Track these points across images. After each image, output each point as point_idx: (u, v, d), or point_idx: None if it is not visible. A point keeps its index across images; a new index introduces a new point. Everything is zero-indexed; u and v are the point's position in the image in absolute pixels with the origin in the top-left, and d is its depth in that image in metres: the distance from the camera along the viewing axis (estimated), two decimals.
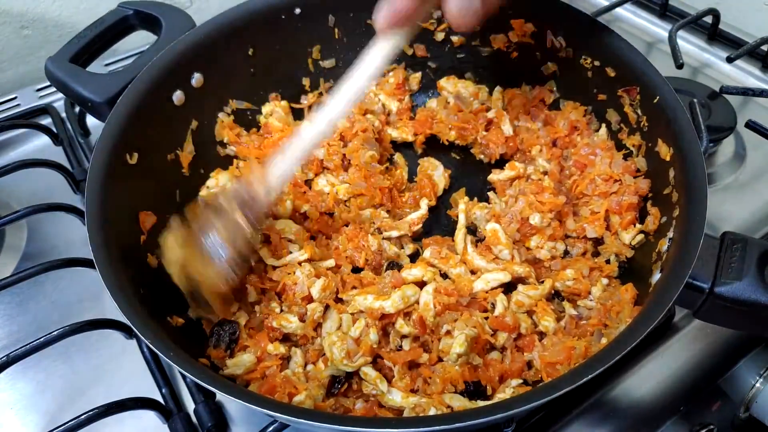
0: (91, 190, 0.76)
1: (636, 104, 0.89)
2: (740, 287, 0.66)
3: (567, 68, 0.99)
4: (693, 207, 0.72)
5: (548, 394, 0.59)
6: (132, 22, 1.00)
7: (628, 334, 0.63)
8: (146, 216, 0.84)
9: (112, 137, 0.82)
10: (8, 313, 0.93)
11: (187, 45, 0.93)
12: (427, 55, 1.12)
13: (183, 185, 0.94)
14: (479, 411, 0.59)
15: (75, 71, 0.92)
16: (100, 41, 0.97)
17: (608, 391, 0.81)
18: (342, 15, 1.06)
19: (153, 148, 0.88)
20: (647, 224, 0.84)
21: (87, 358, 0.88)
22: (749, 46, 1.20)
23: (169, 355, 0.64)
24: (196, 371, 0.63)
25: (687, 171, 0.76)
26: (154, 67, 0.89)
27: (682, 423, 0.83)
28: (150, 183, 0.87)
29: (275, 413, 0.61)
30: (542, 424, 0.78)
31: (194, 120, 0.97)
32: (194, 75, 0.95)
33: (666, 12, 1.37)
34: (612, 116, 0.94)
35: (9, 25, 1.35)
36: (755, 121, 1.06)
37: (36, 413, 0.83)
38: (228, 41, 0.98)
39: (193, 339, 0.80)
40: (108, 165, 0.79)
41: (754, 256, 0.68)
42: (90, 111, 0.92)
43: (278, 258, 0.86)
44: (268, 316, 0.81)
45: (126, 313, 0.66)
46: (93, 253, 0.70)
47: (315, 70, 1.10)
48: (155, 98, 0.89)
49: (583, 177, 0.92)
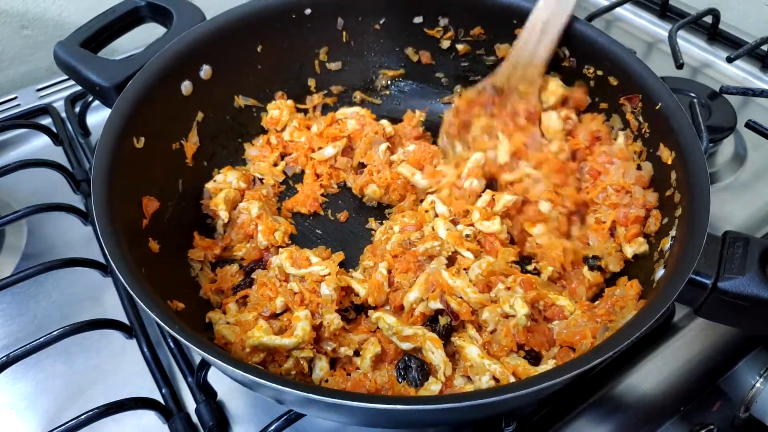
0: (98, 167, 0.76)
1: (638, 112, 0.89)
2: (743, 282, 0.68)
3: (571, 78, 1.00)
4: (696, 205, 0.72)
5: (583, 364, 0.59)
6: (143, 13, 1.00)
7: (632, 325, 0.63)
8: (149, 201, 0.84)
9: (121, 119, 0.82)
10: (8, 313, 0.93)
11: (197, 36, 0.94)
12: (432, 62, 1.12)
13: (186, 175, 0.95)
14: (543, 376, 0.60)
15: (84, 55, 0.91)
16: (110, 30, 0.97)
17: (608, 390, 0.81)
18: (351, 18, 1.08)
19: (159, 135, 0.89)
20: (648, 225, 0.84)
21: (87, 358, 0.88)
22: (749, 46, 1.20)
23: (174, 329, 0.63)
24: (205, 347, 0.63)
25: (689, 172, 0.76)
26: (165, 56, 0.90)
27: (682, 423, 0.83)
28: (154, 169, 0.88)
29: (287, 389, 0.59)
30: (543, 423, 0.78)
31: (200, 112, 0.97)
32: (203, 67, 0.96)
33: (666, 12, 1.37)
34: (615, 123, 0.94)
35: (9, 25, 1.35)
36: (755, 121, 1.06)
37: (36, 413, 0.83)
38: (238, 36, 0.99)
39: (193, 324, 0.80)
40: (116, 144, 0.80)
41: (756, 253, 0.69)
42: (97, 95, 0.92)
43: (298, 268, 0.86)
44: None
45: (130, 286, 0.66)
46: (98, 228, 0.70)
47: (321, 72, 1.11)
48: (164, 86, 0.89)
49: (595, 185, 0.92)
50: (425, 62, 1.12)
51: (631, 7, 1.40)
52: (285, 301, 0.82)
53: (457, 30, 1.08)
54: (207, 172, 1.00)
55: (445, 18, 1.08)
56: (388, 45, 1.12)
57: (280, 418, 0.75)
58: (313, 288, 0.82)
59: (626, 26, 1.39)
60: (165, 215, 0.88)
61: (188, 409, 0.81)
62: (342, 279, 0.83)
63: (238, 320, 0.81)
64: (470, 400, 0.58)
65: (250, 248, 0.91)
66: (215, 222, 0.96)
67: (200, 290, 0.88)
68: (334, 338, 0.80)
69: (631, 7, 1.40)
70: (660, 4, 1.37)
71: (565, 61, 0.99)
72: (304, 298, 0.81)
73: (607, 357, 0.61)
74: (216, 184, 0.97)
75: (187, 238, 0.92)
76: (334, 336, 0.79)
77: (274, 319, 0.82)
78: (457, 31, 1.09)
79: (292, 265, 0.85)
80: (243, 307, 0.85)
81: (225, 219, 0.93)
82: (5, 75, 1.40)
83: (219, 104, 1.02)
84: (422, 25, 1.09)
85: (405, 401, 0.59)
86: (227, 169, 1.00)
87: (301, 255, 0.86)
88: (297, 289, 0.82)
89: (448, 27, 1.09)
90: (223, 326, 0.81)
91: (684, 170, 0.77)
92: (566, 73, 1.00)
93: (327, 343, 0.79)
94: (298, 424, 0.75)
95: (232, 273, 0.90)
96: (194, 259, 0.91)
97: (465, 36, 1.08)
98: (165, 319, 0.65)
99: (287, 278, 0.85)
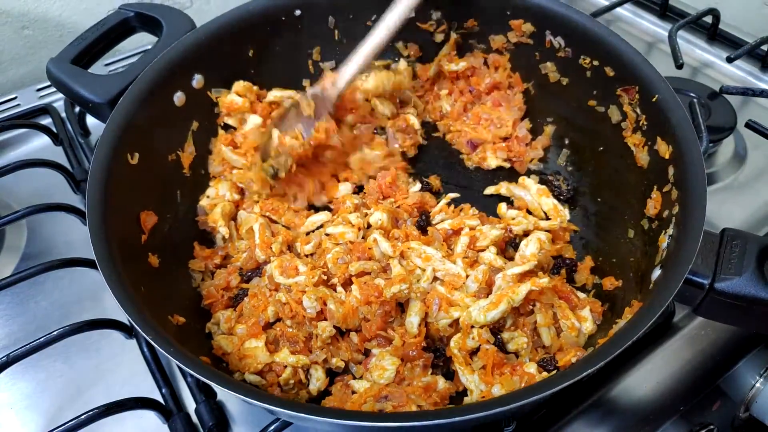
0: (92, 190, 0.76)
1: (635, 103, 0.89)
2: (740, 283, 0.66)
3: (566, 68, 0.99)
4: (692, 202, 0.72)
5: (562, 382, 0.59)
6: (133, 24, 1.00)
7: (629, 328, 0.63)
8: (147, 216, 0.84)
9: (113, 137, 0.82)
10: (8, 313, 0.93)
11: (187, 46, 0.93)
12: (420, 54, 1.13)
13: (184, 186, 0.94)
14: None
15: (76, 72, 0.92)
16: (102, 43, 0.98)
17: (608, 390, 0.81)
18: (341, 16, 1.07)
19: (154, 149, 0.89)
20: (648, 208, 0.83)
21: (87, 358, 0.88)
22: (749, 46, 1.20)
23: (169, 351, 0.64)
24: (196, 367, 0.63)
25: (686, 168, 0.75)
26: (155, 68, 0.90)
27: (682, 423, 0.83)
28: (151, 183, 0.87)
29: (275, 408, 0.60)
30: (543, 423, 0.78)
31: (195, 121, 0.97)
32: (195, 76, 0.96)
33: (666, 12, 1.37)
34: (613, 115, 0.94)
35: (9, 25, 1.35)
36: (755, 121, 1.06)
37: (36, 413, 0.83)
38: (228, 42, 0.98)
39: (194, 337, 0.81)
40: (109, 165, 0.80)
41: (754, 252, 0.68)
42: (91, 112, 0.92)
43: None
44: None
45: (126, 309, 0.66)
46: (94, 251, 0.70)
47: (315, 72, 1.10)
48: (156, 99, 0.89)
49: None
50: (413, 55, 1.13)
51: (631, 7, 1.40)
52: (276, 311, 0.82)
53: (450, 23, 1.08)
54: (205, 181, 0.99)
55: (438, 12, 1.08)
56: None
57: (279, 419, 0.75)
58: (299, 299, 0.81)
59: (626, 26, 1.39)
60: (164, 228, 0.87)
61: (188, 409, 0.81)
62: (323, 293, 0.81)
63: (230, 327, 0.82)
64: (460, 415, 0.58)
65: (247, 257, 0.90)
66: (214, 236, 0.95)
67: (201, 301, 0.88)
68: (326, 347, 0.79)
69: (631, 7, 1.40)
70: (660, 4, 1.37)
71: (560, 51, 0.99)
72: (291, 309, 0.81)
73: (604, 362, 0.60)
74: (210, 200, 0.96)
75: (187, 249, 0.91)
76: (327, 345, 0.79)
77: (269, 329, 0.82)
78: (450, 24, 1.09)
79: (281, 274, 0.84)
80: (240, 317, 0.84)
81: (226, 234, 0.93)
82: (5, 75, 1.40)
83: (214, 112, 1.01)
84: (415, 19, 1.06)
85: (402, 418, 0.59)
86: (217, 182, 0.98)
87: (290, 264, 0.85)
88: (284, 300, 0.81)
89: (441, 20, 1.08)
90: (221, 337, 0.81)
91: (681, 166, 0.77)
92: (562, 64, 1.00)
93: (318, 353, 0.78)
94: (297, 424, 0.76)
95: (229, 272, 0.89)
96: (195, 269, 0.90)
97: (459, 29, 1.08)
98: (160, 342, 0.65)
99: (277, 288, 0.84)
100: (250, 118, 1.01)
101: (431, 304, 0.80)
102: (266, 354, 0.77)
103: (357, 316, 0.80)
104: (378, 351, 0.79)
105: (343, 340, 0.81)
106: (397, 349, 0.78)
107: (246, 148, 0.99)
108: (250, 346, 0.78)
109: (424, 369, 0.78)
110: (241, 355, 0.78)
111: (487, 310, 0.77)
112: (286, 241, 0.92)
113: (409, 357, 0.78)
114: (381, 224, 0.90)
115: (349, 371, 0.81)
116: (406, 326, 0.80)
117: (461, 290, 0.82)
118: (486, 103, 1.08)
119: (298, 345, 0.79)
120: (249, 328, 0.80)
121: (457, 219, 0.91)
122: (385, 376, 0.76)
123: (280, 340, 0.80)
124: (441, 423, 0.57)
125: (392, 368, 0.76)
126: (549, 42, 0.99)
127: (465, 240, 0.87)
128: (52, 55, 0.94)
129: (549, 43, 0.99)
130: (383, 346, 0.80)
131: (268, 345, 0.79)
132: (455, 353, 0.77)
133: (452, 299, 0.80)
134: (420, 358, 0.78)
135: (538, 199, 0.96)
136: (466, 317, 0.78)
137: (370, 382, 0.76)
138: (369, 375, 0.77)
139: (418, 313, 0.80)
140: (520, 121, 1.06)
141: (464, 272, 0.83)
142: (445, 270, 0.83)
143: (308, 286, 0.81)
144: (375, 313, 0.79)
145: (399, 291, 0.79)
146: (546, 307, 0.80)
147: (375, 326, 0.79)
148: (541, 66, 1.03)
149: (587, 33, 0.94)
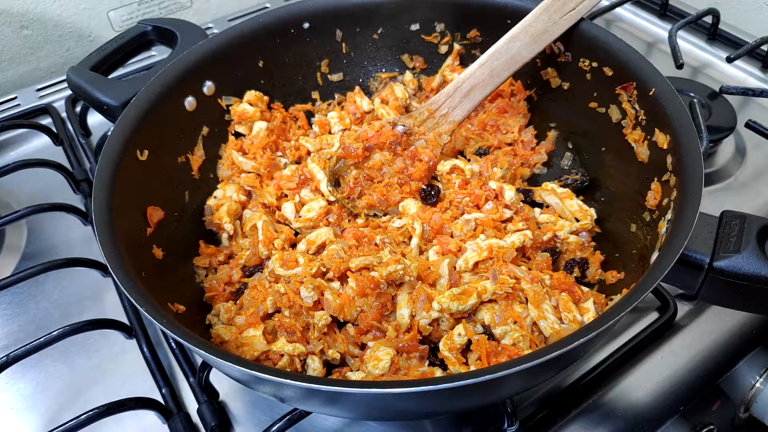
0: (100, 175, 0.77)
1: (633, 100, 0.89)
2: (740, 260, 0.65)
3: (567, 73, 1.00)
4: (689, 181, 0.71)
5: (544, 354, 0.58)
6: (150, 37, 1.04)
7: (623, 302, 0.62)
8: (154, 210, 0.85)
9: (124, 132, 0.84)
10: (8, 313, 0.93)
11: (199, 54, 0.97)
12: (425, 66, 1.14)
13: (192, 187, 0.96)
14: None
15: (92, 77, 0.95)
16: (120, 54, 1.01)
17: (608, 390, 0.81)
18: (349, 30, 1.09)
19: (163, 148, 0.90)
20: (648, 199, 0.84)
21: (87, 358, 0.88)
22: (749, 46, 1.20)
23: (162, 322, 0.64)
24: (200, 343, 0.63)
25: (682, 151, 0.75)
26: (168, 72, 0.92)
27: (682, 423, 0.83)
28: (159, 180, 0.89)
29: (288, 381, 0.59)
30: (543, 423, 0.78)
31: (205, 126, 0.99)
32: (206, 83, 0.98)
33: (666, 12, 1.38)
34: (613, 114, 0.94)
35: (9, 25, 1.35)
36: (755, 121, 1.06)
37: (36, 413, 0.83)
38: (239, 52, 1.01)
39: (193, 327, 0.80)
40: (119, 157, 0.81)
41: (754, 230, 0.67)
42: (105, 114, 0.95)
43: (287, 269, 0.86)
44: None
45: (114, 270, 0.67)
46: (96, 230, 0.71)
47: (324, 84, 1.13)
48: (167, 101, 0.91)
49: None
50: (418, 67, 1.15)
51: (631, 7, 1.40)
52: (275, 301, 0.83)
53: (454, 34, 1.10)
54: (213, 185, 1.00)
55: (441, 23, 1.10)
56: (388, 53, 1.14)
57: (282, 419, 0.75)
58: (297, 290, 0.82)
59: (626, 26, 1.39)
60: (171, 226, 0.88)
61: (188, 408, 0.81)
62: (320, 283, 0.82)
63: (230, 318, 0.83)
64: (447, 382, 0.56)
65: (250, 254, 0.91)
66: (220, 235, 0.96)
67: (203, 295, 0.88)
68: (323, 338, 0.80)
69: (631, 7, 1.40)
70: (660, 4, 1.37)
71: (560, 56, 0.99)
72: (290, 299, 0.82)
73: (598, 332, 0.59)
74: (217, 201, 0.98)
75: (192, 247, 0.92)
76: (324, 336, 0.80)
77: (268, 320, 0.82)
78: (453, 36, 1.10)
79: (281, 266, 0.86)
80: (241, 309, 0.85)
81: (231, 231, 0.94)
82: (5, 75, 1.40)
83: (224, 119, 1.03)
84: (419, 32, 1.11)
85: (411, 384, 0.57)
86: (224, 184, 1.01)
87: (290, 256, 0.87)
88: (283, 291, 0.82)
89: (444, 32, 1.11)
90: (220, 327, 0.81)
91: (677, 151, 0.77)
92: (562, 68, 1.00)
93: (315, 343, 0.79)
94: (300, 424, 0.76)
95: (232, 267, 0.90)
96: (199, 265, 0.91)
97: (462, 39, 1.10)
98: (163, 320, 0.65)
99: (278, 280, 0.86)
100: (257, 123, 1.04)
101: (417, 301, 0.81)
102: (263, 343, 0.78)
103: (354, 306, 0.81)
104: (373, 343, 0.80)
105: (340, 332, 0.82)
106: (391, 341, 0.79)
107: (254, 152, 1.02)
108: (248, 334, 0.79)
109: (420, 360, 0.78)
110: (239, 343, 0.78)
111: (456, 299, 0.79)
112: (288, 239, 0.93)
113: (404, 348, 0.78)
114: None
115: (346, 364, 0.81)
116: (397, 319, 0.81)
117: (435, 286, 0.83)
118: (491, 110, 1.09)
119: (296, 335, 0.80)
120: (248, 318, 0.81)
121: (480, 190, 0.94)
122: (380, 366, 0.76)
123: (278, 330, 0.80)
124: (454, 386, 0.56)
125: (387, 358, 0.76)
126: (549, 48, 0.99)
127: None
128: (51, 54, 0.94)
129: (549, 49, 0.99)
130: (378, 339, 0.81)
131: (266, 335, 0.79)
132: (447, 356, 0.77)
133: (430, 293, 0.81)
134: (415, 350, 0.78)
135: (562, 202, 0.97)
136: (437, 303, 0.79)
137: (365, 373, 0.77)
138: (365, 366, 0.78)
139: (407, 305, 0.80)
140: (525, 128, 1.07)
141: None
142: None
143: (306, 277, 0.82)
144: (371, 305, 0.80)
145: (394, 271, 0.80)
146: (538, 300, 0.80)
147: (371, 317, 0.80)
148: (543, 72, 1.03)
149: (585, 35, 0.94)
